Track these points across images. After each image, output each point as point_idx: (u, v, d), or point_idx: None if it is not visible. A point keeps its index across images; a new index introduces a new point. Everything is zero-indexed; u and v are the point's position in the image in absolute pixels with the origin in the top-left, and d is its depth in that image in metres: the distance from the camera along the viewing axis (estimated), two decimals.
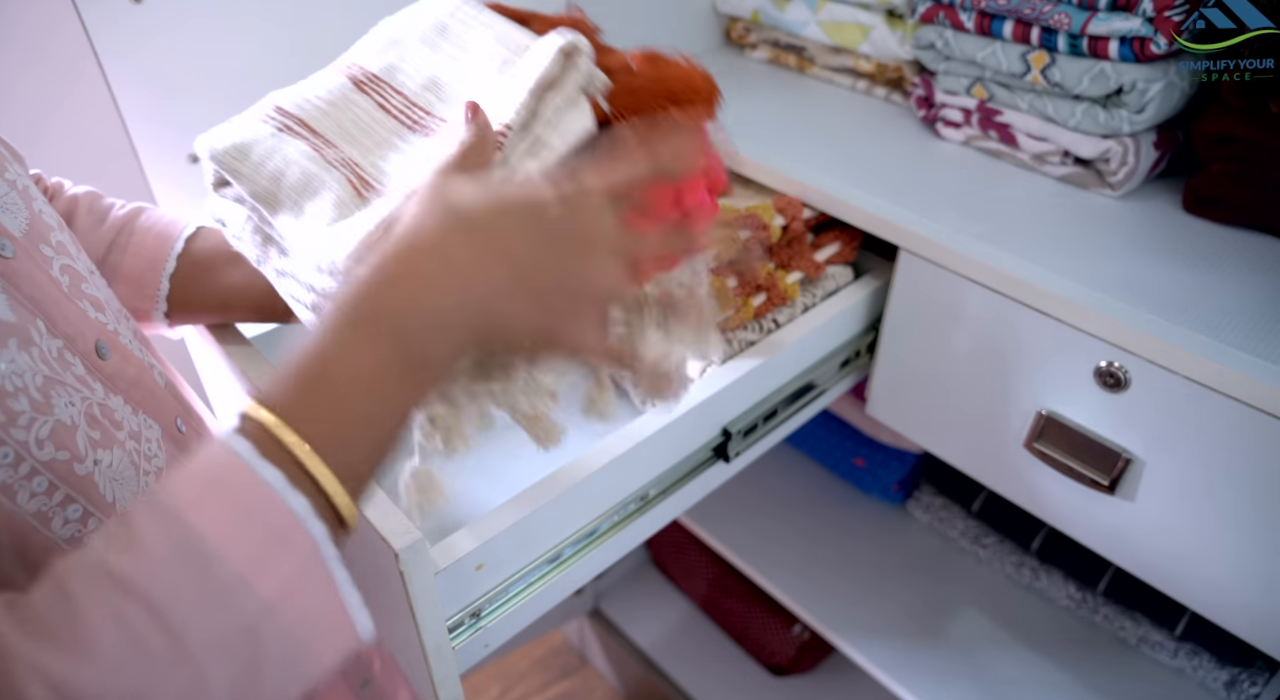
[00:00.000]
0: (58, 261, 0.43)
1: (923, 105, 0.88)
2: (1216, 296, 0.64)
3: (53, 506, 0.36)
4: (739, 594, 1.33)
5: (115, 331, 0.45)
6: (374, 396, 0.35)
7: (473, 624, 0.57)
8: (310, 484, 0.34)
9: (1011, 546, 1.05)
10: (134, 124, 0.70)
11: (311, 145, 0.50)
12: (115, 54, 0.66)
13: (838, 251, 0.80)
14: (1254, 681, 0.88)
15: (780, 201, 0.77)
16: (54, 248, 0.43)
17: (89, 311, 0.43)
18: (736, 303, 0.70)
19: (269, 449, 0.33)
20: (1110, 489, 0.66)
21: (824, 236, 0.81)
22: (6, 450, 0.35)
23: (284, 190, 0.49)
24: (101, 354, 0.43)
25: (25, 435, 0.35)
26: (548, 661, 1.60)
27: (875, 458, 1.13)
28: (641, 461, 0.63)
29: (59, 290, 0.42)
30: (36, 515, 0.36)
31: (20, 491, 0.35)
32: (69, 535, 0.37)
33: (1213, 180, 0.72)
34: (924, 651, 0.99)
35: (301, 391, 0.35)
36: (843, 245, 0.81)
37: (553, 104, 0.47)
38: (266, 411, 0.34)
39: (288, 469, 0.33)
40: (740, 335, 0.72)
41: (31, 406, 0.36)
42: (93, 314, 0.44)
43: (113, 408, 0.42)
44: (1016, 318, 0.68)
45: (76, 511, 0.37)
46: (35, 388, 0.37)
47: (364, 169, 0.49)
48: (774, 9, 1.01)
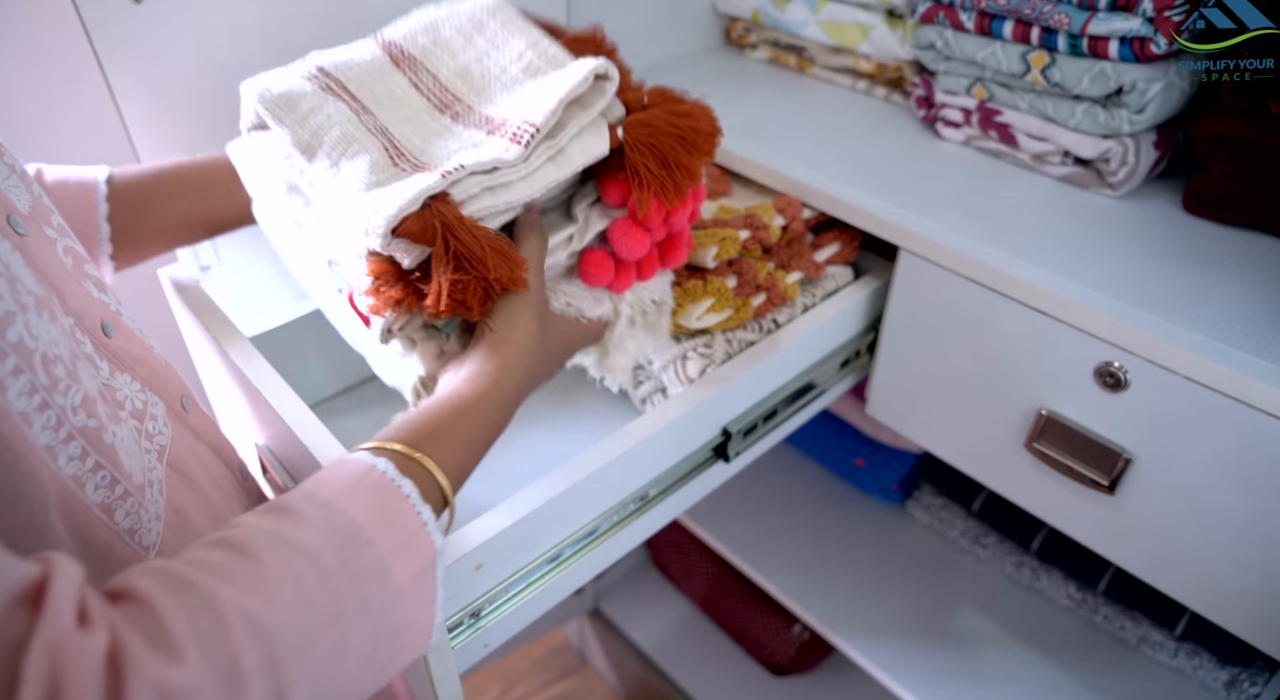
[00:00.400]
0: (60, 243, 0.44)
1: (923, 105, 0.88)
2: (1216, 296, 0.64)
3: (85, 471, 0.38)
4: (739, 594, 1.33)
5: (118, 312, 0.46)
6: (493, 428, 0.48)
7: (472, 624, 0.57)
8: (439, 497, 0.43)
9: (1011, 546, 1.05)
10: (134, 124, 0.70)
11: (351, 108, 0.53)
12: (115, 54, 0.66)
13: (838, 251, 0.80)
14: (1254, 681, 0.88)
15: (780, 202, 0.77)
16: (55, 230, 0.44)
17: (93, 292, 0.45)
18: (736, 303, 0.70)
19: (405, 467, 0.41)
20: (1110, 489, 0.66)
21: (824, 236, 0.81)
22: (50, 414, 0.36)
23: (324, 146, 0.51)
24: (108, 333, 0.44)
25: (64, 401, 0.37)
26: (548, 661, 1.60)
27: (875, 458, 1.13)
28: (641, 461, 0.63)
29: (65, 270, 0.43)
30: (74, 479, 0.37)
31: (60, 455, 0.37)
32: (100, 500, 0.39)
33: (1213, 180, 0.72)
34: (924, 651, 0.99)
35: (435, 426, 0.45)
36: (842, 245, 0.80)
37: (578, 119, 0.52)
38: (397, 442, 0.43)
39: (421, 484, 0.41)
40: (740, 335, 0.72)
41: (67, 374, 0.38)
42: (96, 294, 0.45)
43: (116, 387, 0.43)
44: (1017, 318, 0.68)
45: (105, 478, 0.39)
46: (67, 358, 0.38)
47: (397, 140, 0.52)
48: (774, 9, 1.01)
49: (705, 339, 0.70)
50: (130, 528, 0.40)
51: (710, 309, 0.69)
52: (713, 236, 0.70)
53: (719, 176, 0.84)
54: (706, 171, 0.72)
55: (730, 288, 0.70)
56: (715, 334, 0.71)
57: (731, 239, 0.70)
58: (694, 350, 0.70)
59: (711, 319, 0.69)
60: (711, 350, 0.69)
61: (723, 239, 0.70)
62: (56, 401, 0.37)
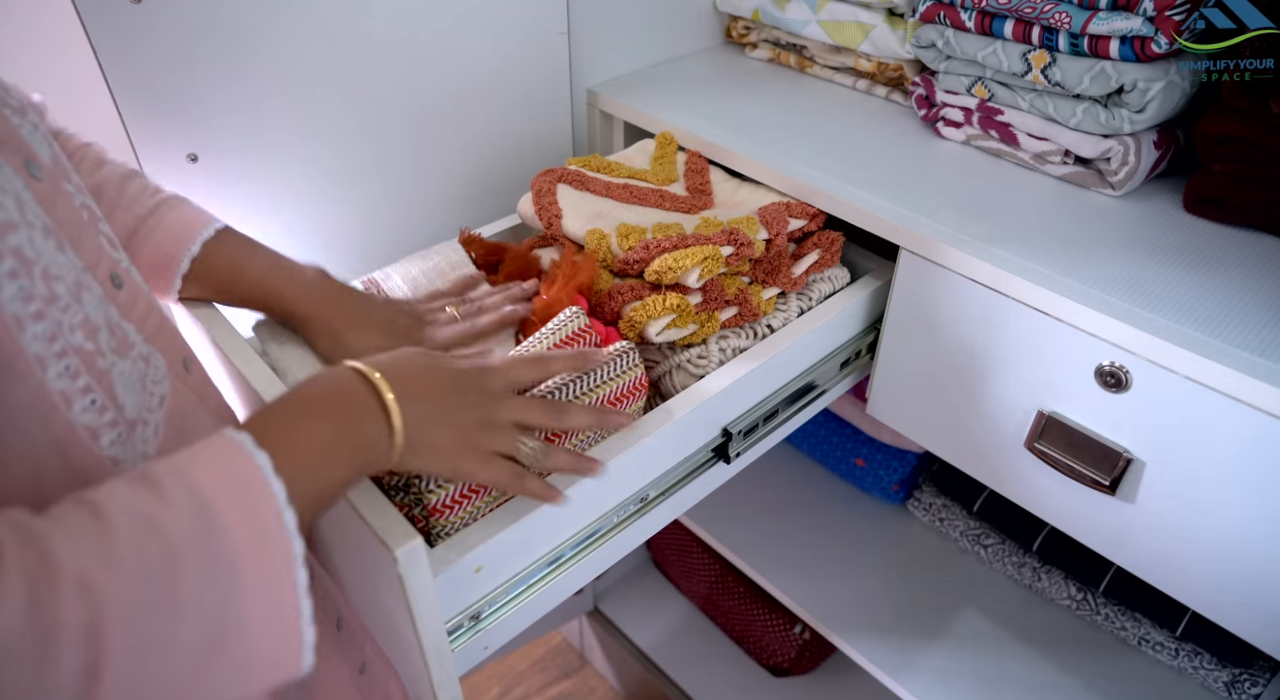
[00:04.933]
0: (78, 198, 0.44)
1: (923, 105, 0.88)
2: (1217, 296, 0.64)
3: (75, 390, 0.38)
4: (739, 594, 1.33)
5: (128, 270, 0.47)
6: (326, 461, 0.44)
7: (472, 626, 0.57)
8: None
9: (1012, 546, 1.05)
10: (134, 124, 0.70)
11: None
12: (115, 54, 0.66)
13: (816, 260, 0.78)
14: (1255, 682, 0.88)
15: (766, 213, 0.76)
16: (75, 186, 0.45)
17: (105, 246, 0.45)
18: (700, 319, 0.69)
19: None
20: (1111, 489, 0.66)
21: (803, 246, 0.79)
22: (46, 325, 0.37)
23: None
24: (116, 284, 0.44)
25: (62, 317, 0.38)
26: (548, 662, 1.60)
27: (876, 458, 1.13)
28: (641, 462, 0.63)
29: (80, 221, 0.43)
30: (60, 394, 0.37)
31: (51, 368, 0.37)
32: (87, 423, 0.39)
33: (1213, 180, 0.72)
34: (925, 651, 0.99)
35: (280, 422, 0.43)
36: (822, 252, 0.78)
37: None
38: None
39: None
40: (733, 343, 0.71)
41: (68, 294, 0.39)
42: (108, 249, 0.45)
43: (126, 331, 0.43)
44: (1017, 318, 0.67)
45: (94, 401, 0.39)
46: (70, 282, 0.39)
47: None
48: (774, 8, 1.01)
49: (700, 349, 0.70)
50: (115, 457, 0.40)
51: (671, 324, 0.68)
52: (694, 256, 0.67)
53: (699, 189, 0.83)
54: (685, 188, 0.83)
55: (692, 304, 0.68)
56: (710, 343, 0.71)
57: (714, 258, 0.68)
58: (688, 361, 0.70)
59: (673, 334, 0.68)
60: (706, 362, 0.70)
61: (705, 259, 0.68)
62: (54, 315, 0.37)
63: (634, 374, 0.62)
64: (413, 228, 0.91)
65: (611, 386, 0.61)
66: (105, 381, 0.40)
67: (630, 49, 1.02)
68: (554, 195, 0.77)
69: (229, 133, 0.75)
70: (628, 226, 0.72)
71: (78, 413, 0.38)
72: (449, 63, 0.86)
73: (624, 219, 0.75)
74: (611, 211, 0.76)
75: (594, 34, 0.96)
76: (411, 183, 0.89)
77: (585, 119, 1.01)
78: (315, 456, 0.42)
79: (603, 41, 0.98)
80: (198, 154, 0.74)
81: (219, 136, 0.74)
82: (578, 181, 0.80)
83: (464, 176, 0.93)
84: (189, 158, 0.73)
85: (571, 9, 0.92)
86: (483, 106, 0.91)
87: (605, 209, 0.77)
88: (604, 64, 1.00)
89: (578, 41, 0.95)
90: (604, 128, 1.01)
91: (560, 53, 0.94)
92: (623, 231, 0.72)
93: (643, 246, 0.70)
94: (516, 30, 0.89)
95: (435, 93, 0.86)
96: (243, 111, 0.75)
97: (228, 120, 0.74)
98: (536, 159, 0.98)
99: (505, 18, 0.87)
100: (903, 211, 0.74)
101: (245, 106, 0.75)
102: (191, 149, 0.73)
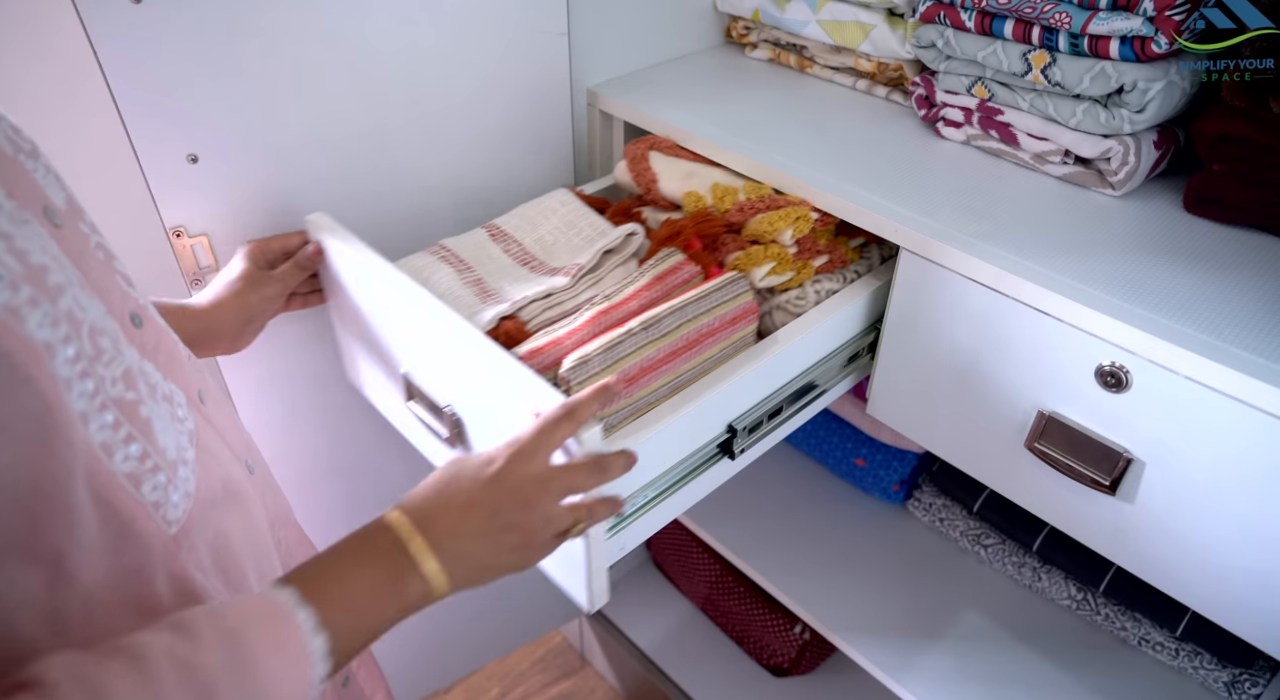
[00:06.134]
0: (93, 238, 0.45)
1: (923, 105, 0.88)
2: (1217, 296, 0.64)
3: (116, 441, 0.39)
4: (739, 594, 1.33)
5: (145, 307, 0.48)
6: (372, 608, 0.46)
7: None
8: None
9: (1012, 546, 1.05)
10: (134, 124, 0.70)
11: (456, 269, 0.77)
12: (115, 54, 0.66)
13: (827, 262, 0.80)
14: (1255, 682, 0.88)
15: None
16: (89, 226, 0.45)
17: (123, 286, 0.46)
18: (796, 266, 0.76)
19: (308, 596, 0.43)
20: (1111, 489, 0.66)
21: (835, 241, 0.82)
22: (90, 383, 0.37)
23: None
24: (136, 324, 0.45)
25: (105, 371, 0.39)
26: (548, 661, 1.60)
27: (876, 458, 1.13)
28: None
29: (98, 263, 0.44)
30: (102, 446, 0.38)
31: (92, 422, 0.37)
32: (128, 471, 0.39)
33: (1213, 180, 0.72)
34: (925, 651, 0.99)
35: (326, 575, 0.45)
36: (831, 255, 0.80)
37: (612, 261, 0.77)
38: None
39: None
40: (826, 286, 0.77)
41: (112, 346, 0.39)
42: (125, 288, 0.46)
43: (147, 372, 0.44)
44: (1017, 318, 0.68)
45: (137, 450, 0.40)
46: (112, 331, 0.40)
47: (487, 284, 0.76)
48: (774, 8, 1.01)
49: (799, 291, 0.77)
50: (156, 501, 0.41)
51: (772, 271, 0.74)
52: (787, 217, 0.74)
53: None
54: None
55: (790, 253, 0.75)
56: (806, 286, 0.77)
57: (804, 219, 0.75)
58: (787, 302, 0.76)
59: (774, 280, 0.75)
60: (804, 302, 0.76)
61: (796, 219, 0.75)
62: (97, 371, 0.38)
63: (745, 299, 0.70)
64: (413, 228, 0.91)
65: (726, 308, 0.69)
66: (145, 428, 0.41)
67: (630, 49, 1.02)
68: (647, 161, 0.85)
69: (229, 133, 0.75)
70: (721, 187, 0.80)
71: (119, 462, 0.39)
72: (449, 63, 0.86)
73: (715, 179, 0.82)
74: (701, 172, 0.84)
75: (594, 34, 0.96)
76: (412, 183, 0.89)
77: (585, 119, 1.01)
78: (360, 606, 0.45)
79: (602, 41, 0.98)
80: (198, 154, 0.74)
81: (219, 136, 0.74)
82: (668, 148, 0.87)
83: (464, 176, 0.93)
84: (189, 158, 0.73)
85: (571, 9, 0.92)
86: (483, 106, 0.91)
87: (695, 170, 0.84)
88: (604, 64, 1.00)
89: (577, 41, 0.95)
90: (604, 128, 1.01)
91: (560, 53, 0.94)
92: (718, 192, 0.79)
93: (738, 208, 0.77)
94: (516, 30, 0.89)
95: (435, 93, 0.86)
96: (243, 111, 0.75)
97: (228, 120, 0.74)
98: (536, 159, 0.98)
99: (505, 18, 0.87)
100: (903, 211, 0.74)
101: (245, 106, 0.75)
102: (191, 149, 0.73)
